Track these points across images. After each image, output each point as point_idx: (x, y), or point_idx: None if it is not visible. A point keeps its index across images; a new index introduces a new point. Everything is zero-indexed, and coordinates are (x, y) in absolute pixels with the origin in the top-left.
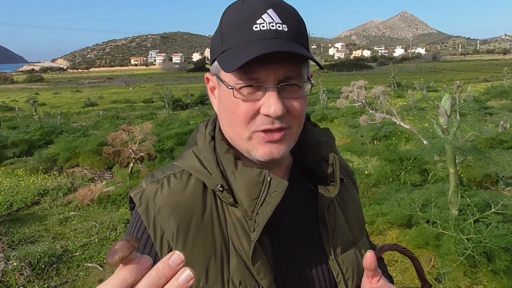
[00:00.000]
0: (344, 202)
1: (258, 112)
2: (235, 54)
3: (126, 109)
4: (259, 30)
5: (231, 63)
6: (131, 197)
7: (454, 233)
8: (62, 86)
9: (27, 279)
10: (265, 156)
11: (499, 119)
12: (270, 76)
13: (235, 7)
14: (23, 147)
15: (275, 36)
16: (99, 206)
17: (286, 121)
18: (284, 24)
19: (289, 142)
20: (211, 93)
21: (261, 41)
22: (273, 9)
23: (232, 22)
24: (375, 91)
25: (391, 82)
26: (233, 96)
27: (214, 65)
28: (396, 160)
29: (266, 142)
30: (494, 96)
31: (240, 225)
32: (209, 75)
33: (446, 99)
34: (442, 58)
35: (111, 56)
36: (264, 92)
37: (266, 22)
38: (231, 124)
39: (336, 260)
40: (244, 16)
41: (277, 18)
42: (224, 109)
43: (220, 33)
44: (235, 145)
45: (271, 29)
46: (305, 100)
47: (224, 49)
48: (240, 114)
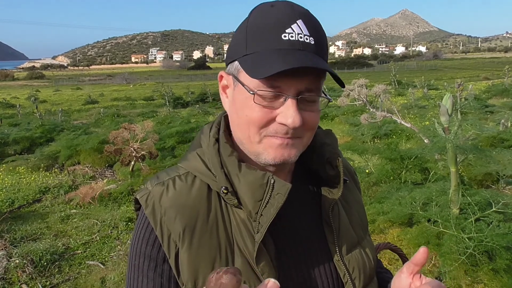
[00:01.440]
0: (347, 202)
1: (273, 120)
2: (262, 61)
3: (127, 107)
4: (288, 39)
5: (259, 70)
6: (137, 199)
7: (455, 232)
8: (62, 83)
9: (30, 276)
10: (277, 159)
11: (500, 118)
12: (292, 87)
13: (264, 11)
14: (24, 145)
15: (302, 48)
16: (100, 204)
17: (299, 133)
18: (311, 36)
19: (299, 148)
20: (223, 91)
21: (290, 52)
22: (302, 20)
23: (259, 26)
24: (376, 89)
25: (392, 80)
26: (253, 101)
27: (234, 65)
28: (397, 158)
29: (278, 145)
30: (495, 94)
31: (244, 226)
32: (224, 73)
33: (447, 98)
34: (443, 56)
35: (112, 54)
36: (283, 102)
37: (295, 33)
38: (243, 127)
39: (342, 260)
40: (272, 22)
41: (306, 30)
42: (238, 111)
43: (245, 35)
44: (243, 147)
45: (299, 41)
46: (319, 114)
47: (249, 52)
48: (255, 120)
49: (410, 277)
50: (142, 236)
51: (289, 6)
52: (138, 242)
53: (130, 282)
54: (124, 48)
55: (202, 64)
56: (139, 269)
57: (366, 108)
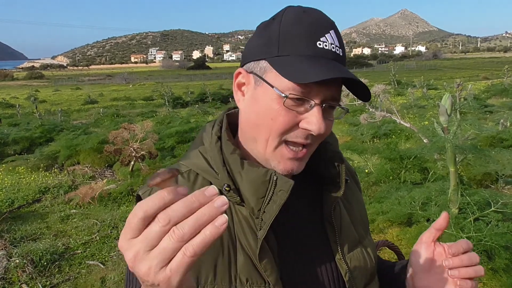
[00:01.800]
0: (348, 201)
1: (297, 125)
2: (299, 65)
3: (126, 107)
4: (322, 48)
5: (295, 74)
6: (139, 195)
7: (454, 232)
8: (62, 83)
9: (30, 276)
10: (285, 172)
11: (499, 117)
12: (320, 94)
13: (298, 16)
14: (24, 145)
15: (334, 58)
16: (100, 204)
17: (315, 140)
18: (340, 48)
19: (306, 160)
20: (238, 89)
21: (325, 61)
22: (334, 31)
23: (294, 30)
24: (375, 89)
25: (391, 80)
26: (282, 104)
27: (260, 64)
28: (396, 158)
29: (289, 158)
30: (495, 94)
31: (247, 223)
32: (243, 70)
33: (446, 98)
34: (443, 56)
35: (111, 54)
36: (309, 108)
37: (328, 42)
38: (263, 129)
39: (343, 259)
40: (308, 28)
41: (337, 41)
42: (259, 112)
43: (277, 36)
44: (253, 146)
45: (332, 51)
46: (333, 123)
47: (282, 54)
48: (280, 123)
49: (431, 245)
50: None
51: (321, 15)
52: None
53: (129, 278)
54: (123, 48)
55: (202, 64)
56: None
57: (366, 108)
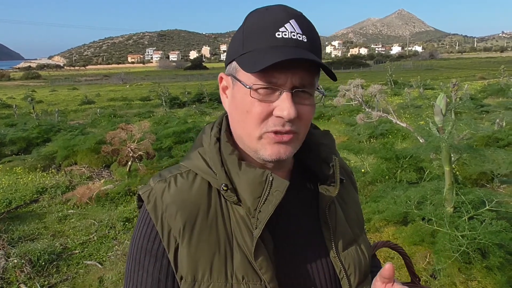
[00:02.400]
0: (344, 201)
1: (271, 114)
2: (257, 57)
3: (123, 107)
4: (281, 37)
5: (254, 65)
6: (140, 195)
7: (449, 230)
8: (59, 83)
9: (28, 276)
10: (273, 156)
11: (495, 117)
12: (287, 81)
13: (259, 13)
14: (21, 145)
15: (295, 45)
16: (97, 204)
17: (295, 126)
18: (304, 35)
19: (295, 145)
20: (223, 92)
21: (283, 48)
22: (295, 20)
23: (255, 27)
24: (372, 89)
25: (388, 80)
26: (250, 96)
27: (232, 65)
28: (392, 158)
29: (275, 142)
30: (491, 94)
31: (243, 222)
32: (224, 75)
33: (441, 98)
34: (439, 55)
35: (108, 54)
36: (279, 95)
37: (288, 31)
38: (243, 123)
39: (338, 257)
40: (267, 23)
41: (298, 28)
42: (238, 108)
43: (242, 36)
44: (243, 144)
45: (292, 38)
46: (314, 108)
47: (245, 51)
48: (254, 114)
49: (383, 286)
50: (144, 232)
51: (283, 8)
52: (139, 237)
53: (129, 274)
54: (120, 48)
55: (199, 64)
56: (139, 263)
57: (362, 108)
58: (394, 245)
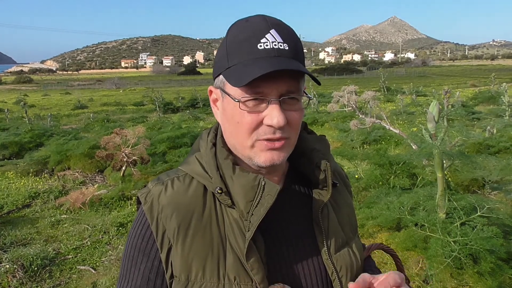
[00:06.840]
0: (337, 204)
1: (261, 123)
2: (242, 70)
3: (117, 112)
4: (263, 48)
5: (240, 79)
6: (138, 196)
7: (441, 236)
8: (51, 87)
9: (20, 281)
10: (267, 162)
11: (486, 124)
12: (273, 91)
13: (240, 26)
14: (13, 149)
15: (278, 54)
16: (91, 209)
17: (286, 132)
18: (285, 43)
19: (287, 150)
20: (214, 104)
21: (266, 59)
22: (275, 29)
23: (237, 40)
24: (365, 96)
25: (381, 86)
26: (239, 108)
27: (219, 79)
28: (385, 164)
29: (268, 149)
30: (482, 101)
31: (236, 225)
32: (213, 88)
33: (434, 105)
34: (431, 63)
35: (102, 58)
36: (267, 105)
37: (269, 41)
38: (235, 133)
39: (330, 259)
40: (248, 35)
41: (279, 37)
42: (229, 120)
43: (225, 50)
44: (237, 152)
45: (274, 48)
46: (302, 112)
47: (230, 65)
48: (245, 124)
49: None
50: (139, 231)
51: (262, 18)
52: (134, 235)
53: (123, 272)
54: (114, 53)
55: (192, 69)
56: (132, 260)
57: (356, 114)
58: (387, 247)
